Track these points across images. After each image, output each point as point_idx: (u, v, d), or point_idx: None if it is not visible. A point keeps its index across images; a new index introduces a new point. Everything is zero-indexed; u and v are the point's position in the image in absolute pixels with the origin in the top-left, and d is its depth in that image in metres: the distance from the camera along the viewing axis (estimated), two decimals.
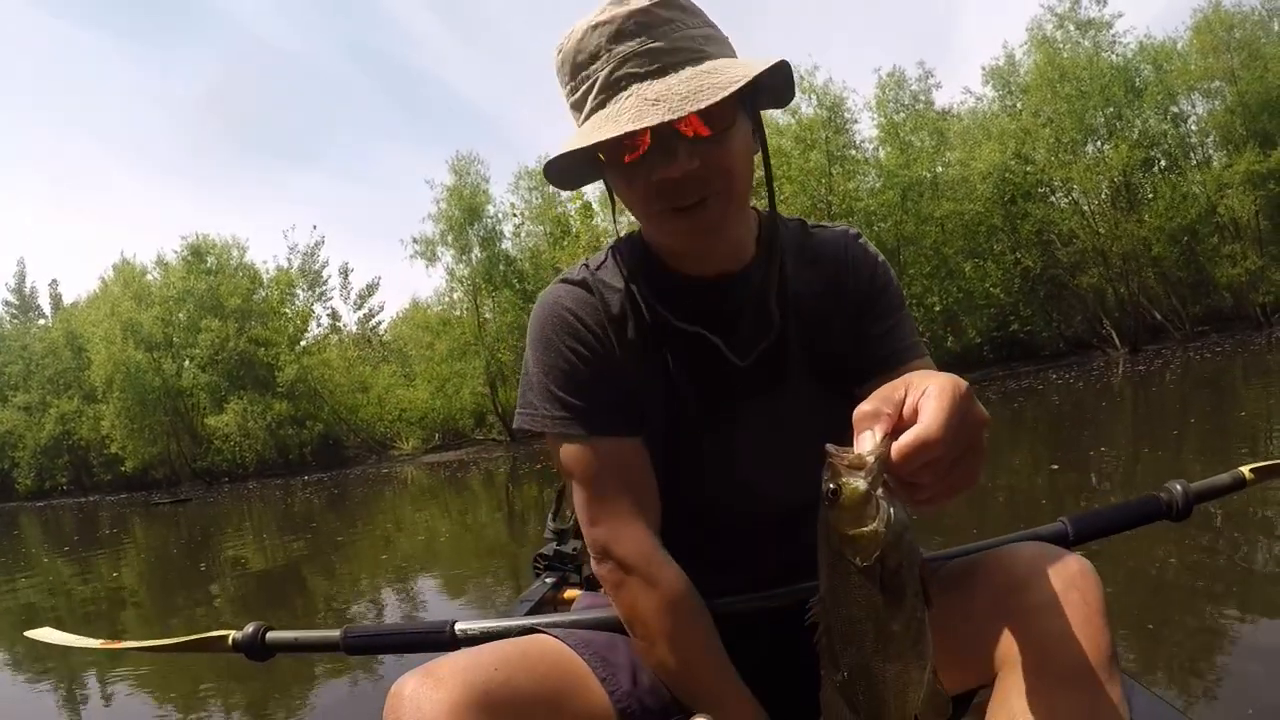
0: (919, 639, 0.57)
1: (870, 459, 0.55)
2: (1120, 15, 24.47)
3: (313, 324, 30.23)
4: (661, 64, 0.80)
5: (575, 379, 0.93)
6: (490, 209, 25.78)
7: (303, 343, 29.21)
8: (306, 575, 6.59)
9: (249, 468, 27.87)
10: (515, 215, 25.66)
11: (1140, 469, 5.84)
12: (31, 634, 1.39)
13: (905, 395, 0.59)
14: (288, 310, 29.51)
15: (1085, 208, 23.94)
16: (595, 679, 0.88)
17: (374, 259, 79.35)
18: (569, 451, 0.93)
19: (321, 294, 30.15)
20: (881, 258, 1.02)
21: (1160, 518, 1.11)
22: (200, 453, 29.67)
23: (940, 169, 23.81)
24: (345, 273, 31.61)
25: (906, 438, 0.56)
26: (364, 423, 29.16)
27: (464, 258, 25.73)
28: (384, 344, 34.08)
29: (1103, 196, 23.65)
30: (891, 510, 0.55)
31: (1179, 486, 1.12)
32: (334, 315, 31.56)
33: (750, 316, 0.94)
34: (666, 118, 0.76)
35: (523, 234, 25.90)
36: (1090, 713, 0.72)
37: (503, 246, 25.44)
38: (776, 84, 0.88)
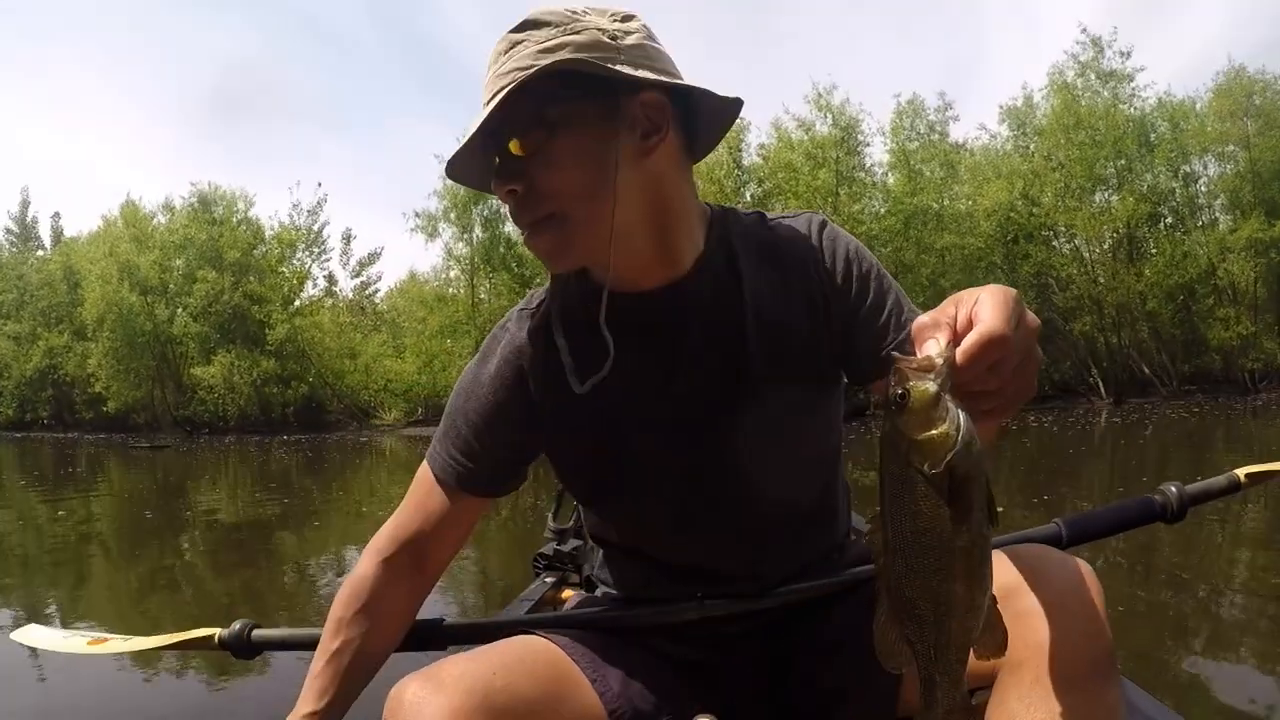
0: (984, 560, 0.55)
1: (939, 360, 0.53)
2: (1143, 69, 24.51)
3: (309, 285, 30.20)
4: (500, 86, 0.76)
5: (497, 422, 0.93)
6: None
7: (296, 303, 29.13)
8: (277, 534, 6.58)
9: (230, 422, 27.82)
10: None
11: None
12: (16, 636, 1.36)
13: (957, 309, 0.57)
14: (285, 270, 29.44)
15: (1086, 255, 24.04)
16: (589, 685, 0.88)
17: (378, 228, 79.10)
18: (430, 469, 0.97)
19: (320, 254, 30.10)
20: (854, 241, 0.94)
21: (1155, 520, 1.10)
22: (183, 401, 29.62)
23: (947, 201, 23.88)
24: (347, 238, 31.53)
25: (971, 338, 0.54)
26: (349, 389, 29.13)
27: (465, 236, 25.76)
28: (378, 313, 34.04)
29: (1105, 246, 23.76)
30: (961, 415, 0.52)
31: (1174, 489, 1.11)
32: (330, 279, 31.54)
33: (698, 326, 0.88)
34: (463, 140, 0.77)
35: None
36: (1091, 715, 0.71)
37: (505, 229, 25.41)
38: (711, 110, 0.84)
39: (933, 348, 0.55)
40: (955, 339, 0.55)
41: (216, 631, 1.17)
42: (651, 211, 0.83)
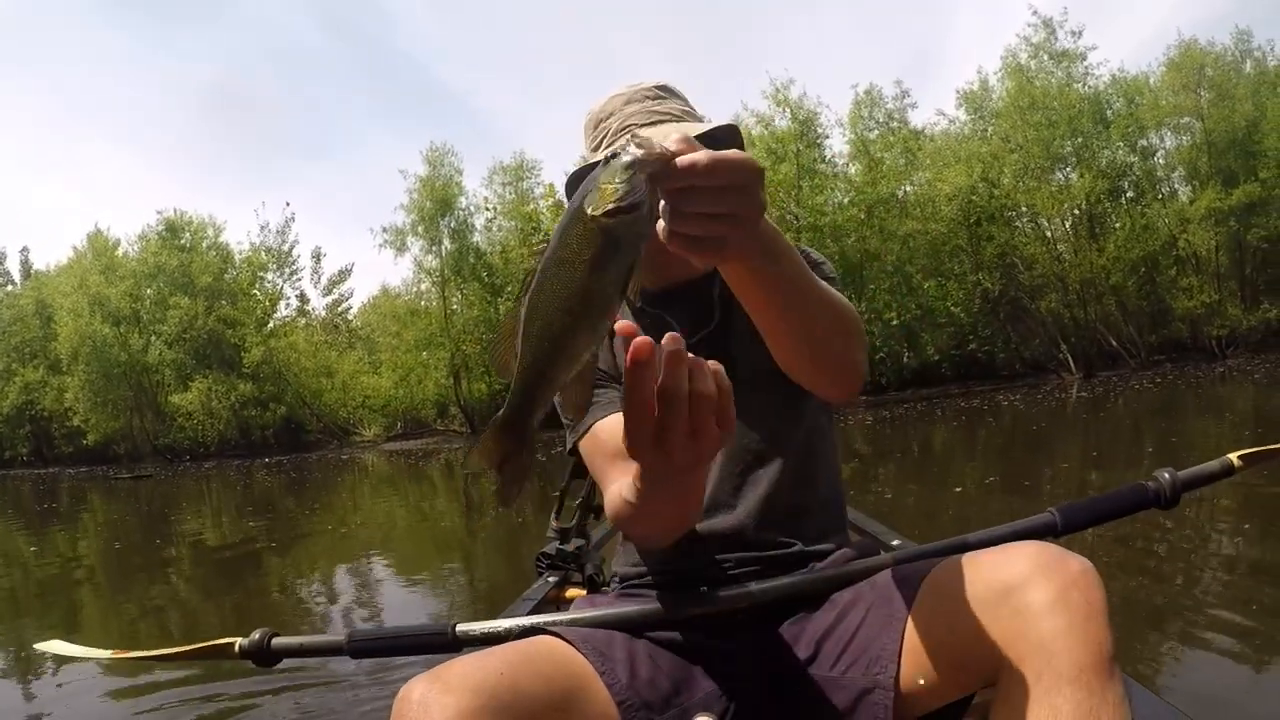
0: (599, 316, 0.59)
1: (657, 147, 0.57)
2: (1095, 48, 24.89)
3: (281, 305, 30.17)
4: (654, 120, 1.11)
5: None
6: (463, 201, 25.91)
7: (270, 325, 29.09)
8: (264, 556, 6.48)
9: (210, 447, 27.74)
10: (488, 209, 25.75)
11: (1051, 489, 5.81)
12: (41, 646, 1.39)
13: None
14: (257, 292, 29.40)
15: (1048, 233, 24.33)
16: (596, 676, 0.90)
17: (347, 244, 78.48)
18: (586, 444, 1.08)
19: (291, 274, 30.08)
20: (827, 267, 1.12)
21: (1149, 506, 1.11)
22: (163, 430, 29.50)
23: (909, 188, 24.12)
24: (317, 257, 31.48)
25: (698, 155, 0.58)
26: (327, 408, 29.15)
27: (434, 249, 25.80)
28: (351, 330, 34.01)
29: (1067, 224, 24.07)
30: (643, 194, 0.57)
31: (1167, 475, 1.11)
32: (302, 298, 31.52)
33: (693, 309, 1.11)
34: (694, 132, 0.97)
35: (494, 228, 26.00)
36: (1093, 713, 0.71)
37: (474, 239, 25.46)
38: (734, 146, 1.10)
39: (667, 141, 0.59)
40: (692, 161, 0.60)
41: (237, 640, 1.19)
42: None
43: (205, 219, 30.30)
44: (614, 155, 0.58)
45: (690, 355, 0.61)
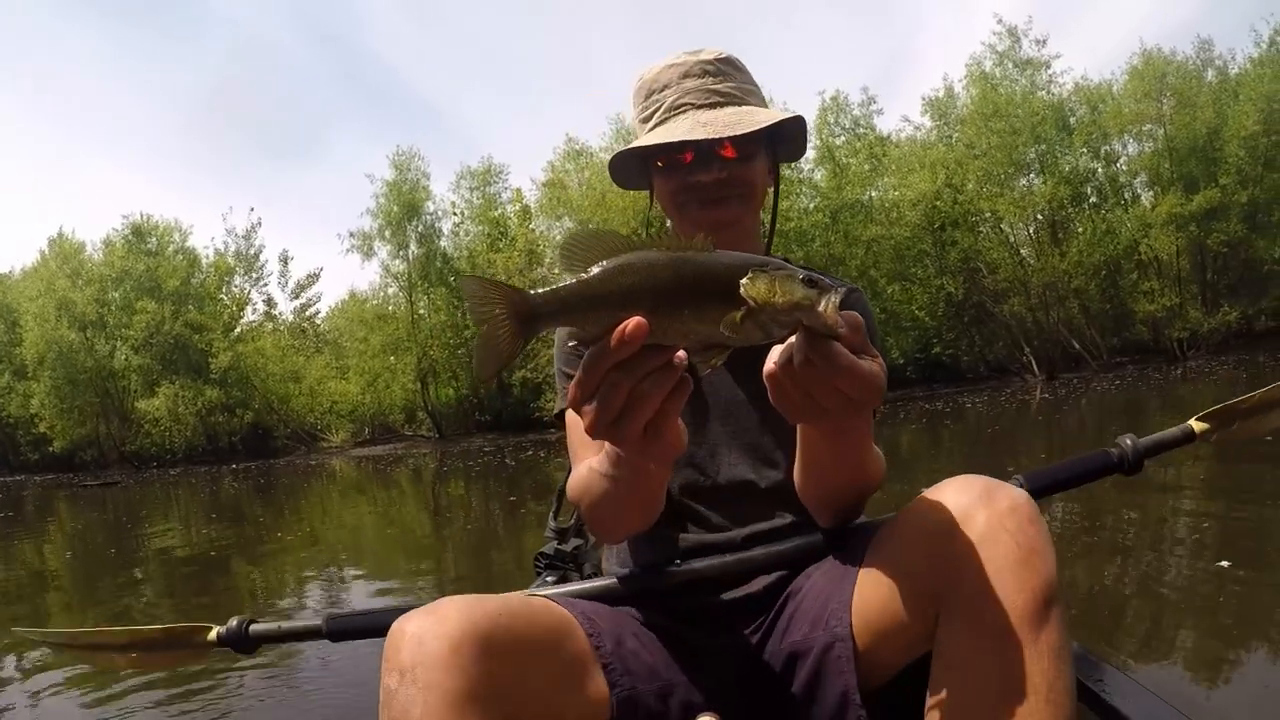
0: (701, 352, 0.64)
1: (833, 316, 0.63)
2: (1058, 56, 25.21)
3: (248, 310, 29.95)
4: (713, 101, 1.08)
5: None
6: (430, 206, 25.85)
7: (237, 330, 28.87)
8: (233, 564, 6.43)
9: (177, 454, 27.45)
10: (455, 214, 25.70)
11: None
12: (18, 630, 1.41)
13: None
14: (224, 296, 29.18)
15: (1011, 238, 24.56)
16: (585, 637, 0.92)
17: (315, 248, 77.92)
18: (570, 415, 1.06)
19: (258, 279, 29.88)
20: (870, 313, 1.07)
21: (1112, 471, 1.14)
22: (129, 436, 29.17)
23: (874, 193, 24.29)
24: (285, 260, 31.32)
25: (842, 330, 0.64)
26: (294, 413, 28.94)
27: (401, 253, 25.73)
28: (319, 334, 33.82)
29: (1031, 229, 24.31)
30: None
31: (1129, 441, 1.14)
32: (270, 302, 31.31)
33: None
34: (712, 136, 1.02)
35: (462, 233, 25.96)
36: (1027, 663, 0.69)
37: (441, 244, 25.41)
38: (793, 138, 1.15)
39: (842, 316, 0.64)
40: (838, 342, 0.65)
41: (214, 629, 1.20)
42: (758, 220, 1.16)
43: (172, 223, 30.07)
44: (812, 282, 0.62)
45: (668, 359, 0.62)
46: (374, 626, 1.12)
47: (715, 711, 0.92)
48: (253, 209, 48.84)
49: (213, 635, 1.19)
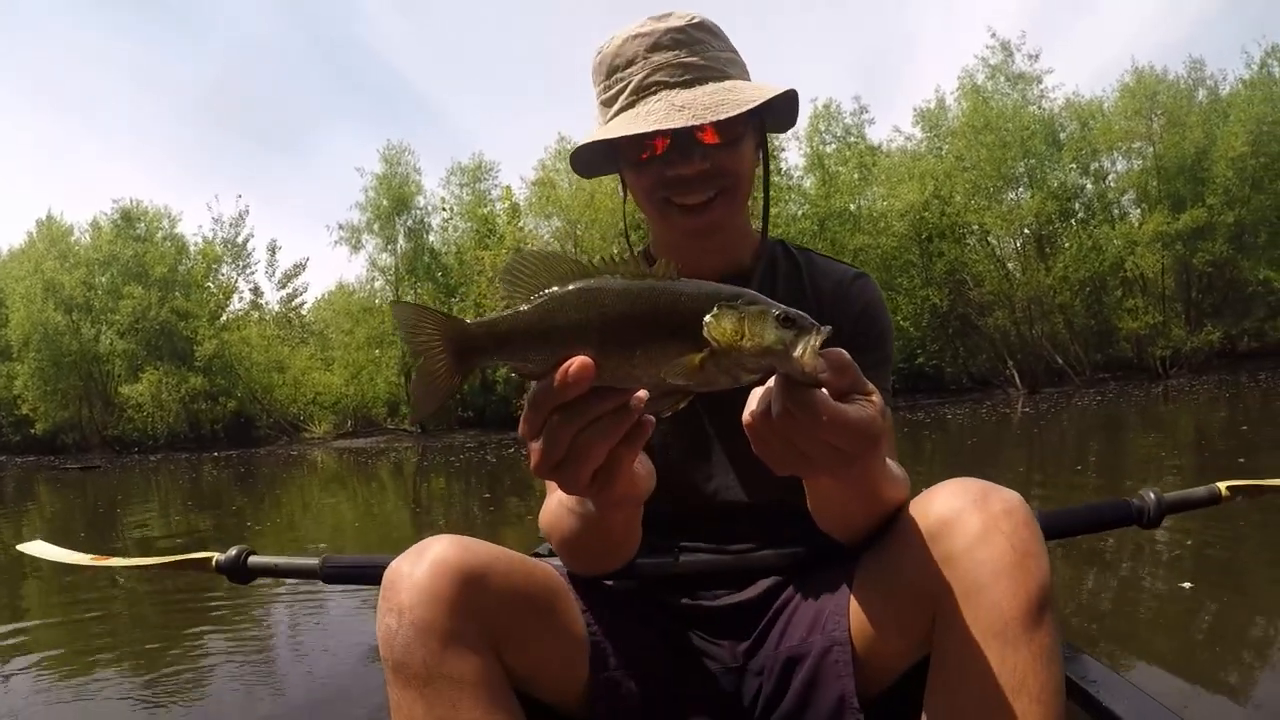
0: (661, 401, 0.58)
1: (812, 365, 0.56)
2: (1050, 70, 25.28)
3: (234, 298, 29.91)
4: (690, 77, 0.93)
5: None
6: (420, 200, 25.86)
7: (223, 318, 28.82)
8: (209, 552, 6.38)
9: (159, 440, 27.40)
10: (445, 209, 25.71)
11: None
12: (23, 547, 1.41)
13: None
14: (211, 284, 29.11)
15: (998, 251, 24.66)
16: (578, 611, 0.91)
17: (306, 239, 77.63)
18: None
19: (244, 267, 29.83)
20: (881, 303, 1.05)
21: (1131, 523, 1.11)
22: (112, 420, 29.09)
23: (862, 202, 24.36)
24: (273, 250, 31.22)
25: (831, 376, 0.59)
26: (278, 403, 28.91)
27: (389, 247, 25.73)
28: (305, 325, 33.76)
29: (1018, 243, 24.42)
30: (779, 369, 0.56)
31: (1152, 495, 1.11)
32: (256, 291, 31.26)
33: None
34: (691, 123, 0.88)
35: (450, 228, 25.95)
36: (1018, 670, 0.69)
37: (429, 239, 25.40)
38: (783, 108, 1.00)
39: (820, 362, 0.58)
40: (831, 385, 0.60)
41: (214, 555, 1.23)
42: (746, 204, 1.02)
43: (161, 209, 30.02)
44: (789, 320, 0.55)
45: (623, 402, 0.56)
46: (368, 575, 1.13)
47: (705, 714, 0.91)
48: (240, 196, 48.73)
49: (213, 563, 1.23)
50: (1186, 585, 2.89)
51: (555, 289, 0.55)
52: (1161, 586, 2.97)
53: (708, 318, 0.54)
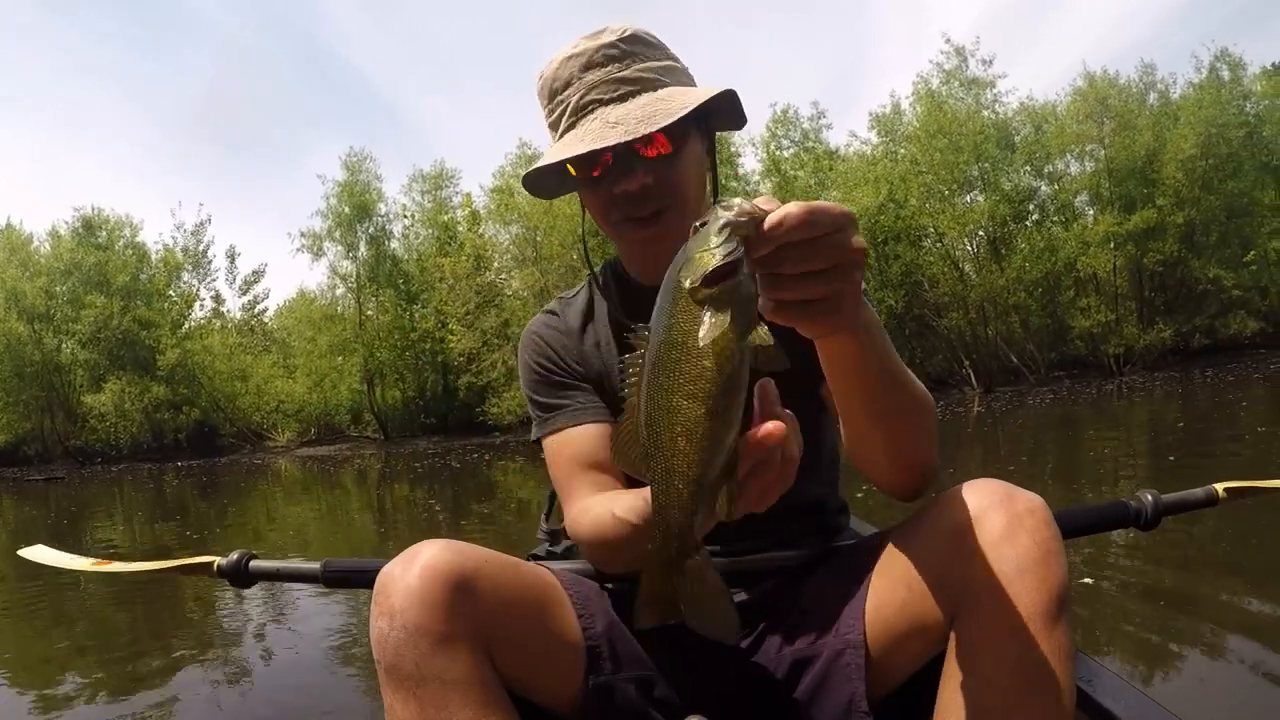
0: (732, 392, 0.53)
1: (746, 207, 0.54)
2: (1004, 75, 25.71)
3: (196, 306, 29.73)
4: (623, 91, 0.92)
5: (547, 385, 1.06)
6: (381, 208, 25.88)
7: (185, 327, 28.69)
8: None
9: (122, 450, 27.25)
10: (406, 217, 25.73)
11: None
12: (23, 552, 1.39)
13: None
14: (173, 293, 28.96)
15: (954, 253, 25.01)
16: (573, 614, 0.90)
17: (267, 245, 76.48)
18: (549, 445, 1.04)
19: (205, 275, 29.67)
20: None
21: (1128, 525, 1.11)
22: (74, 431, 28.87)
23: None
24: (232, 256, 31.03)
25: (785, 208, 0.55)
26: (240, 412, 28.81)
27: (350, 254, 25.72)
28: (267, 333, 33.58)
29: (973, 245, 24.79)
30: (740, 252, 0.52)
31: (1149, 496, 1.11)
32: (218, 298, 31.08)
33: None
34: (624, 139, 0.87)
35: (412, 235, 25.99)
36: (1038, 662, 0.70)
37: (391, 246, 25.42)
38: (727, 109, 0.98)
39: (750, 203, 0.55)
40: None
41: (216, 560, 1.22)
42: (699, 208, 0.98)
43: (123, 217, 29.80)
44: (702, 224, 0.55)
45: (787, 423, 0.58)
46: (370, 578, 1.15)
47: (704, 713, 0.90)
48: (201, 205, 48.08)
49: (214, 567, 1.23)
50: (1185, 586, 2.93)
51: (657, 452, 0.54)
52: (1160, 587, 3.00)
53: (686, 284, 0.53)
